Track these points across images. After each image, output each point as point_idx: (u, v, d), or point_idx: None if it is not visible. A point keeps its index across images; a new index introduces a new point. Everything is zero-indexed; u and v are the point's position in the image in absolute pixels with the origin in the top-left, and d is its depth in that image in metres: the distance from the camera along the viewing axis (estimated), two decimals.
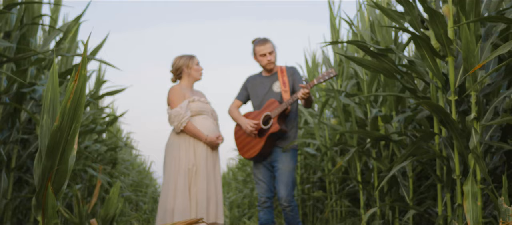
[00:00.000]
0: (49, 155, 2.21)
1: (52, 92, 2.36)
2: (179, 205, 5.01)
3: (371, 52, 3.68)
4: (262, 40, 5.29)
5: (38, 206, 2.23)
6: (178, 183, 5.05)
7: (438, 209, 3.95)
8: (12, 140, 4.96)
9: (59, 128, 2.17)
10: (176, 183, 5.06)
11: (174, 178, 5.08)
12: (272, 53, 5.24)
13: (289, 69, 5.29)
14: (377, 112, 4.88)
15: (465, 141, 3.43)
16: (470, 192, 3.20)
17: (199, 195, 5.08)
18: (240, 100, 5.54)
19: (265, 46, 5.23)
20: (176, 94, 5.19)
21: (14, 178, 5.12)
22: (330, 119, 6.85)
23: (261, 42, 5.27)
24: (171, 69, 5.33)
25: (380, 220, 5.02)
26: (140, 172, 15.17)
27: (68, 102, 2.15)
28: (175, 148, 5.16)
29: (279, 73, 5.27)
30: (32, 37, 5.23)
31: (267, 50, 5.23)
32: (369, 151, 5.05)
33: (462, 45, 3.21)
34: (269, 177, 5.29)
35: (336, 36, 6.50)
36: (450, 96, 3.52)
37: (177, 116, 5.09)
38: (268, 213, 5.26)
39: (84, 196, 7.71)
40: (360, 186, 5.20)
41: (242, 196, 13.48)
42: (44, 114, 2.35)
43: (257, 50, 5.27)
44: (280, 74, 5.25)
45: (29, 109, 5.16)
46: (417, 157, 3.78)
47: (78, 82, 2.15)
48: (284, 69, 5.29)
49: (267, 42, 5.26)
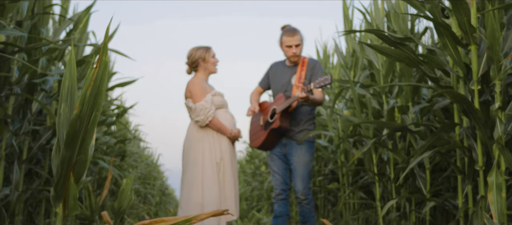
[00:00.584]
0: (69, 144, 2.14)
1: (70, 80, 2.29)
2: (208, 199, 4.94)
3: (390, 40, 3.59)
4: (290, 31, 5.16)
5: (57, 198, 2.16)
6: (204, 177, 4.98)
7: (458, 201, 3.87)
8: (23, 132, 4.90)
9: (78, 117, 2.10)
10: (203, 177, 4.98)
11: (199, 172, 5.00)
12: (298, 46, 5.13)
13: (310, 63, 5.19)
14: (394, 103, 4.80)
15: (488, 131, 3.35)
16: (495, 183, 3.12)
17: (227, 190, 5.03)
18: (261, 86, 5.51)
19: (293, 38, 5.12)
20: (198, 87, 5.09)
21: (24, 170, 5.07)
22: (342, 111, 6.77)
23: (289, 32, 5.15)
24: (187, 61, 5.23)
25: (396, 213, 4.94)
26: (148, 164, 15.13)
27: (88, 90, 2.08)
28: (199, 142, 5.07)
29: (299, 65, 5.18)
30: (43, 27, 5.17)
31: (294, 42, 5.12)
32: (385, 143, 4.96)
33: (488, 33, 3.13)
34: (284, 170, 5.23)
35: (349, 26, 6.41)
36: (473, 85, 3.44)
37: (202, 110, 4.99)
38: (283, 205, 5.20)
39: (94, 189, 7.67)
40: (376, 178, 5.13)
41: (250, 189, 13.44)
42: (62, 103, 2.28)
43: (284, 40, 5.16)
44: (300, 67, 5.17)
45: (40, 100, 5.10)
46: (438, 148, 3.70)
47: (99, 69, 2.07)
48: (305, 61, 5.19)
49: (295, 34, 5.13)
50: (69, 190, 2.02)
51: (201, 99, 5.04)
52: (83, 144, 2.17)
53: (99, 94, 2.12)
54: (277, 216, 5.20)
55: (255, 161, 13.02)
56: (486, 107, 3.48)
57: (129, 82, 6.76)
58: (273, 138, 5.21)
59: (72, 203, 2.05)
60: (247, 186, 14.33)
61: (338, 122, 6.46)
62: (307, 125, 5.17)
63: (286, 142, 5.20)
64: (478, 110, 3.32)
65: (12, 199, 4.60)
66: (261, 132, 5.29)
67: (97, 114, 2.15)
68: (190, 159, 5.07)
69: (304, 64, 5.17)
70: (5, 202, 4.67)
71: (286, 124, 5.08)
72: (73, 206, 2.05)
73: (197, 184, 4.96)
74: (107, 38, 2.06)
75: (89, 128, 2.16)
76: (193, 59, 5.17)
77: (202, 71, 5.21)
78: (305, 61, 5.19)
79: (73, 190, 2.04)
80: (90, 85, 2.08)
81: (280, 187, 5.21)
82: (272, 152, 5.30)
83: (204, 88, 5.12)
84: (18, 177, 4.68)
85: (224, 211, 2.10)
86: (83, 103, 2.10)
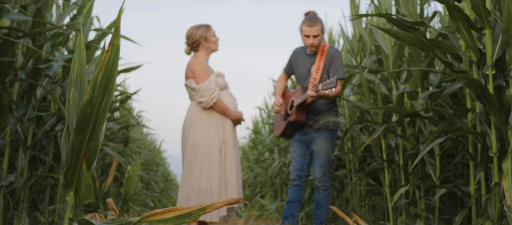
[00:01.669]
0: (79, 131, 2.07)
1: (79, 65, 2.23)
2: (210, 183, 4.86)
3: (401, 25, 3.53)
4: (310, 19, 5.03)
5: (66, 186, 2.11)
6: (206, 161, 4.89)
7: (470, 188, 3.81)
8: (28, 118, 4.85)
9: (89, 103, 2.04)
10: (205, 160, 4.89)
11: (206, 156, 4.91)
12: (316, 37, 5.01)
13: (330, 52, 5.10)
14: (404, 89, 4.73)
15: (503, 117, 3.29)
16: (510, 169, 3.05)
17: (229, 173, 4.95)
18: (286, 73, 5.47)
19: (311, 28, 4.99)
20: (202, 67, 4.97)
21: (29, 157, 5.02)
22: (349, 97, 6.71)
23: (309, 21, 5.02)
24: (187, 41, 5.09)
25: (405, 199, 4.89)
26: (151, 151, 15.09)
27: (100, 75, 2.02)
28: (203, 125, 4.96)
29: (319, 54, 5.10)
30: (47, 12, 5.10)
31: (312, 32, 4.99)
32: (394, 129, 4.90)
33: (504, 16, 3.06)
34: (302, 156, 5.18)
35: (356, 11, 6.33)
36: (487, 70, 3.37)
37: (207, 90, 4.87)
38: (297, 191, 5.15)
39: (98, 175, 7.63)
40: (385, 165, 5.07)
41: (253, 175, 13.40)
42: (71, 88, 2.22)
43: (303, 29, 5.05)
44: (319, 56, 5.08)
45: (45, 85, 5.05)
46: (450, 135, 3.64)
47: (111, 53, 2.01)
48: (325, 50, 5.09)
49: (315, 24, 5.00)
50: (81, 178, 1.96)
51: (205, 80, 4.92)
52: (94, 131, 2.11)
53: (111, 79, 2.06)
54: (290, 201, 5.17)
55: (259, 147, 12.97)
56: (500, 93, 3.42)
57: (134, 68, 6.69)
58: (292, 129, 5.22)
59: (84, 191, 1.99)
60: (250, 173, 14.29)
61: (344, 108, 6.40)
62: (327, 114, 5.11)
63: (307, 130, 5.16)
64: (493, 95, 3.26)
65: (18, 186, 4.55)
66: (281, 122, 5.33)
67: (108, 99, 2.09)
68: (191, 141, 4.96)
69: (324, 52, 5.08)
70: (11, 189, 4.62)
71: (302, 118, 5.04)
72: (85, 195, 2.00)
73: (199, 167, 4.87)
74: (119, 21, 2.00)
75: (100, 114, 2.10)
76: (193, 39, 5.03)
77: (204, 50, 5.08)
78: (325, 50, 5.09)
79: (85, 178, 1.98)
80: (101, 69, 2.02)
81: (296, 173, 5.17)
82: (293, 139, 5.28)
83: (208, 68, 5.02)
84: (23, 164, 4.63)
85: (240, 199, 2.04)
86: (94, 88, 2.04)
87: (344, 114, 6.40)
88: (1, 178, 4.35)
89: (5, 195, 4.46)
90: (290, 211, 5.19)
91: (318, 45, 5.05)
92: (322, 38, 5.07)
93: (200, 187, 4.85)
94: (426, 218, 4.70)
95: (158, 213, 2.08)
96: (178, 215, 2.07)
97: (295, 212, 5.19)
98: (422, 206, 4.72)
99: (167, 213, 2.08)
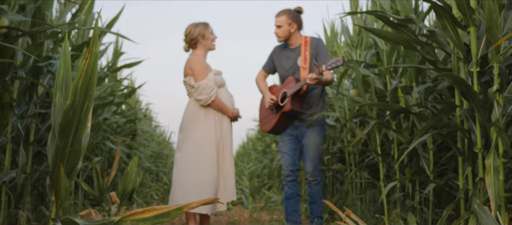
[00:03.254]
0: (62, 134, 2.17)
1: (65, 69, 2.32)
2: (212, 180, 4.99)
3: (390, 22, 3.59)
4: (278, 12, 5.22)
5: (52, 186, 2.21)
6: (204, 157, 5.00)
7: (459, 182, 3.88)
8: (30, 114, 4.96)
9: (71, 107, 2.13)
10: (206, 157, 5.01)
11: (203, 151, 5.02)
12: (280, 28, 5.16)
13: (313, 42, 5.19)
14: (397, 84, 4.79)
15: (487, 114, 3.34)
16: (492, 166, 3.12)
17: (226, 170, 5.07)
18: (266, 71, 5.52)
19: (276, 19, 5.22)
20: (201, 65, 5.08)
21: (33, 152, 5.13)
22: (349, 89, 6.77)
23: (277, 13, 5.21)
24: (185, 38, 5.20)
25: (400, 193, 4.96)
26: (160, 143, 15.22)
27: (80, 80, 2.11)
28: (201, 121, 5.08)
29: (302, 45, 5.18)
30: (48, 10, 5.19)
31: (276, 23, 5.21)
32: (389, 123, 4.97)
33: (485, 14, 3.11)
34: (294, 150, 5.26)
35: (355, 4, 6.40)
36: (472, 67, 3.43)
37: (205, 88, 4.99)
38: (293, 186, 5.25)
39: (104, 168, 7.75)
40: (379, 159, 5.14)
41: (261, 167, 13.50)
42: (57, 92, 2.32)
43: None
44: (303, 47, 5.17)
45: (46, 82, 5.15)
46: (438, 130, 3.71)
47: (90, 60, 2.10)
48: (308, 41, 5.19)
49: (279, 15, 5.22)
50: (60, 182, 2.05)
51: (204, 78, 5.03)
52: (76, 134, 2.21)
53: (90, 85, 2.15)
54: (288, 197, 5.26)
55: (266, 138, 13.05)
56: (485, 89, 3.48)
57: (135, 63, 6.80)
58: (284, 121, 5.24)
59: (64, 193, 2.09)
60: (258, 164, 14.39)
61: (344, 101, 6.46)
62: (318, 108, 5.20)
63: (297, 124, 5.24)
64: (476, 92, 3.32)
65: (19, 182, 4.66)
66: (272, 116, 5.31)
67: (89, 104, 2.18)
68: (188, 138, 5.08)
69: (307, 43, 5.17)
70: (12, 184, 4.74)
71: (297, 107, 5.10)
72: (65, 197, 2.09)
73: (196, 164, 4.98)
74: (96, 30, 2.09)
75: (82, 118, 2.19)
76: (192, 36, 5.15)
77: (202, 48, 5.20)
78: (308, 40, 5.19)
79: (64, 181, 2.07)
80: (81, 76, 2.11)
81: (289, 168, 5.25)
82: (283, 133, 5.33)
83: (206, 66, 5.13)
84: (24, 160, 4.74)
85: (215, 199, 2.13)
86: (76, 93, 2.13)
87: (344, 107, 6.47)
88: (3, 174, 4.47)
89: (7, 191, 4.57)
90: (292, 207, 5.28)
91: (283, 36, 5.21)
92: (287, 30, 5.19)
93: (194, 183, 4.96)
94: (421, 211, 4.77)
95: (138, 212, 2.18)
96: (156, 214, 2.16)
97: (296, 207, 5.28)
98: (417, 199, 4.79)
99: (146, 212, 2.17)
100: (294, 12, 5.21)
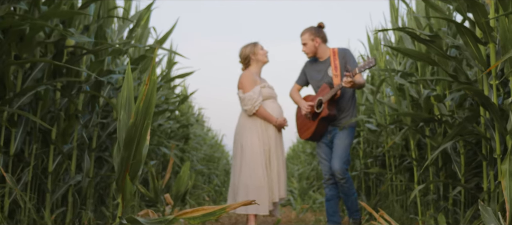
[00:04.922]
0: (126, 147, 2.62)
1: (128, 91, 2.77)
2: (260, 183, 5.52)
3: (419, 38, 3.93)
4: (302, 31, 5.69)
5: (118, 190, 2.66)
6: (257, 162, 5.54)
7: (483, 185, 4.19)
8: (93, 124, 5.46)
9: (134, 125, 2.58)
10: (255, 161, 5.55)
11: (256, 157, 5.58)
12: (305, 45, 5.64)
13: (340, 52, 5.58)
14: (429, 93, 5.10)
15: (504, 123, 3.65)
16: (508, 170, 3.42)
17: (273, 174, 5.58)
18: (299, 84, 5.91)
19: (301, 38, 5.69)
20: (248, 79, 5.65)
21: (94, 157, 5.64)
22: (389, 95, 7.06)
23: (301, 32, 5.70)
24: (240, 60, 5.82)
25: (433, 194, 5.26)
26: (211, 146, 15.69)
27: (141, 103, 2.56)
28: (248, 129, 5.68)
29: (331, 56, 5.57)
30: (108, 27, 5.69)
31: (301, 42, 5.68)
32: (423, 129, 5.29)
33: (500, 33, 3.43)
34: (331, 156, 5.62)
35: (395, 14, 6.67)
36: (492, 80, 3.74)
37: (250, 100, 5.55)
38: (333, 189, 5.62)
39: (159, 171, 8.23)
40: (414, 163, 5.46)
41: (310, 169, 13.82)
42: (121, 110, 2.77)
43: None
44: (332, 58, 5.56)
45: (107, 93, 5.63)
46: (464, 137, 4.02)
47: (149, 86, 2.55)
48: (336, 51, 5.59)
49: (302, 34, 5.67)
50: (125, 187, 2.50)
51: (250, 90, 5.57)
52: (138, 147, 2.65)
53: (150, 106, 2.59)
54: (328, 199, 5.64)
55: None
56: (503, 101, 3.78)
57: (187, 74, 7.28)
58: (322, 127, 5.62)
59: (129, 196, 2.54)
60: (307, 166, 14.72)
61: (384, 107, 6.76)
62: (350, 112, 5.57)
63: (331, 129, 5.60)
64: (495, 103, 3.63)
65: (84, 185, 5.17)
66: (309, 123, 5.70)
67: (148, 122, 2.63)
68: (239, 145, 5.63)
69: (335, 54, 5.58)
70: (78, 187, 5.25)
71: (334, 112, 5.47)
72: (129, 199, 2.54)
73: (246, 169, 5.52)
74: (154, 61, 2.53)
75: (142, 134, 2.64)
76: (244, 56, 5.77)
77: (255, 64, 5.80)
78: (336, 51, 5.60)
79: (129, 187, 2.52)
80: (142, 99, 2.56)
81: (329, 173, 5.61)
82: (314, 140, 5.73)
83: (253, 80, 5.65)
84: (88, 165, 5.24)
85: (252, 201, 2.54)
86: (137, 113, 2.58)
87: (384, 113, 6.76)
88: (70, 178, 4.98)
89: (74, 193, 5.08)
90: (332, 208, 5.65)
91: (310, 51, 5.66)
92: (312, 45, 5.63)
93: (247, 184, 5.49)
94: (454, 212, 5.06)
95: (188, 212, 2.61)
96: (204, 213, 2.59)
97: (336, 208, 5.65)
98: (451, 201, 5.08)
99: (195, 212, 2.61)
100: (316, 28, 5.64)
